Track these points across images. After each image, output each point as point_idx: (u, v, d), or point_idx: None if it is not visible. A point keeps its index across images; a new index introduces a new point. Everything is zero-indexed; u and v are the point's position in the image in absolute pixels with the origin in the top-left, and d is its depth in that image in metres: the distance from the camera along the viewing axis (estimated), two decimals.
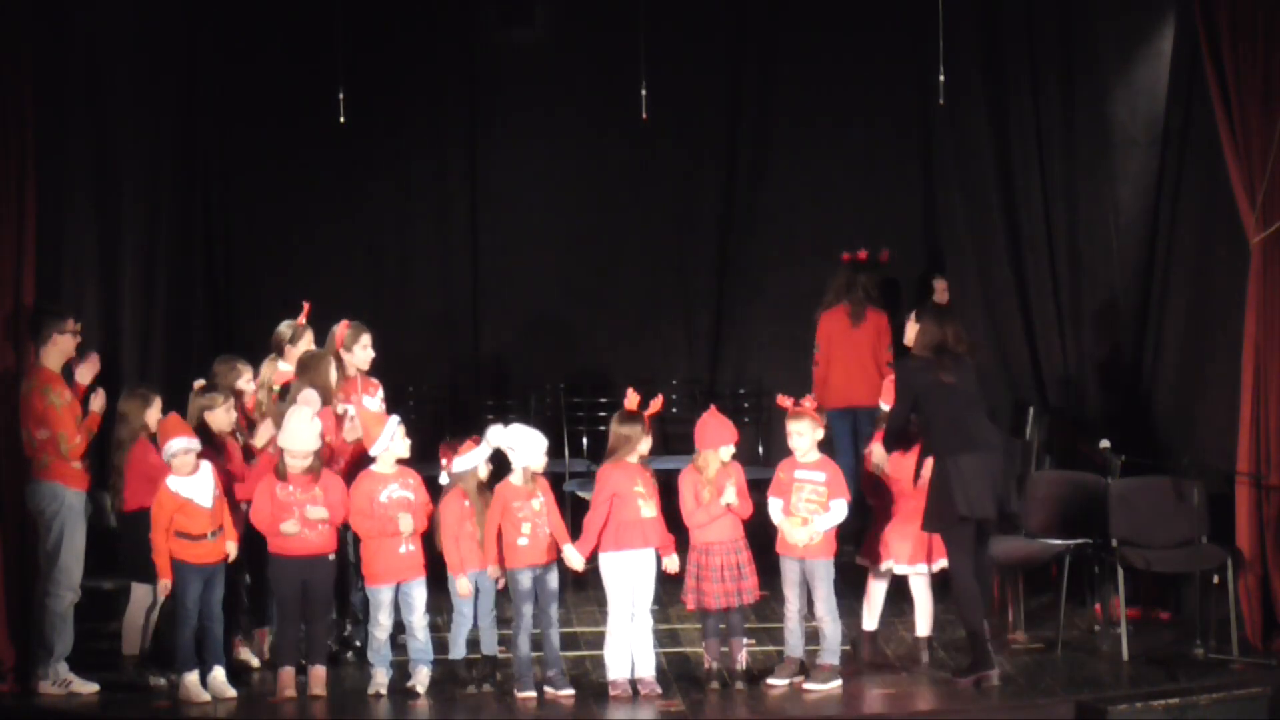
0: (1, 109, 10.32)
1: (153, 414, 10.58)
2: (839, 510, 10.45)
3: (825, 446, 10.80)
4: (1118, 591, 11.03)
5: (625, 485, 10.29)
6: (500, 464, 10.55)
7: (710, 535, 10.37)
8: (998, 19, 13.12)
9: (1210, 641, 10.71)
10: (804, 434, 10.55)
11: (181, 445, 10.21)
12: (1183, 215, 12.01)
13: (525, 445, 10.37)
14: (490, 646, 10.47)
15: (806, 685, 10.42)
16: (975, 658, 10.45)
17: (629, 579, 10.31)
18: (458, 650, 10.45)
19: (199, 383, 10.73)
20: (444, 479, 10.45)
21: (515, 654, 10.32)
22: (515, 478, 10.36)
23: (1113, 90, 12.48)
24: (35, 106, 10.52)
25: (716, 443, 10.41)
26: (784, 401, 10.61)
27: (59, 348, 10.50)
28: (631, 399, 10.37)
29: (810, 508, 10.49)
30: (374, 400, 11.19)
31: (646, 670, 10.38)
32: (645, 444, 10.39)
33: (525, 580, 10.29)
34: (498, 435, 10.41)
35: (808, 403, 10.57)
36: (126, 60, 12.34)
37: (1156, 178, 12.27)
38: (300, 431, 10.29)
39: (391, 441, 10.39)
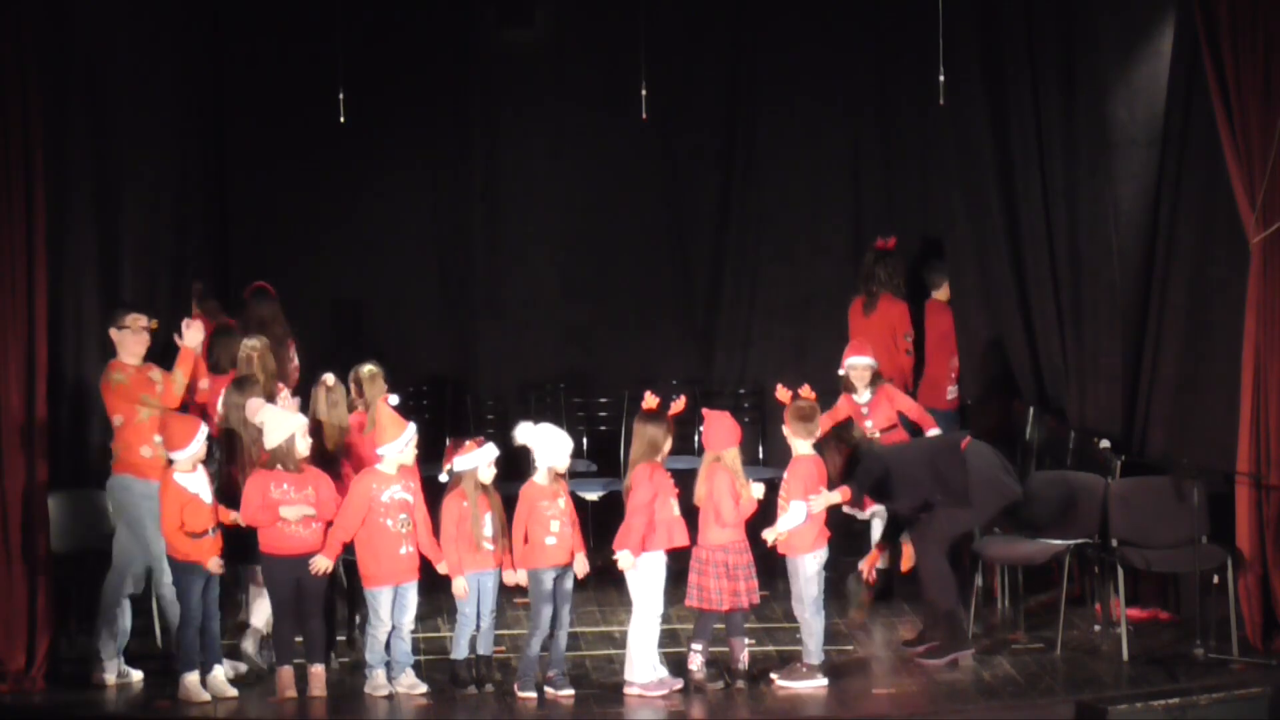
0: (6, 109, 10.32)
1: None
2: (793, 511, 10.51)
3: None
4: (1118, 591, 11.04)
5: (664, 485, 10.35)
6: (507, 467, 10.57)
7: (722, 536, 10.39)
8: (998, 19, 13.11)
9: (1210, 641, 10.71)
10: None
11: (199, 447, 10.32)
12: (1183, 215, 11.99)
13: (551, 445, 10.37)
14: (487, 647, 10.47)
15: (780, 681, 10.44)
16: (950, 637, 10.72)
17: (660, 578, 10.32)
18: (460, 650, 10.44)
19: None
20: (443, 477, 10.45)
21: (526, 654, 10.30)
22: (540, 477, 10.36)
23: (1113, 90, 12.45)
24: (40, 108, 10.52)
25: (734, 440, 10.47)
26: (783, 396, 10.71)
27: (125, 343, 10.57)
28: (650, 400, 10.39)
29: (781, 504, 10.58)
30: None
31: (662, 670, 10.40)
32: (668, 444, 10.44)
33: (548, 581, 10.31)
34: (525, 432, 10.40)
35: (803, 391, 10.68)
36: (127, 62, 12.33)
37: (1156, 178, 12.25)
38: (281, 421, 10.32)
39: (403, 449, 10.39)
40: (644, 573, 10.35)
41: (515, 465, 10.67)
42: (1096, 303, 12.66)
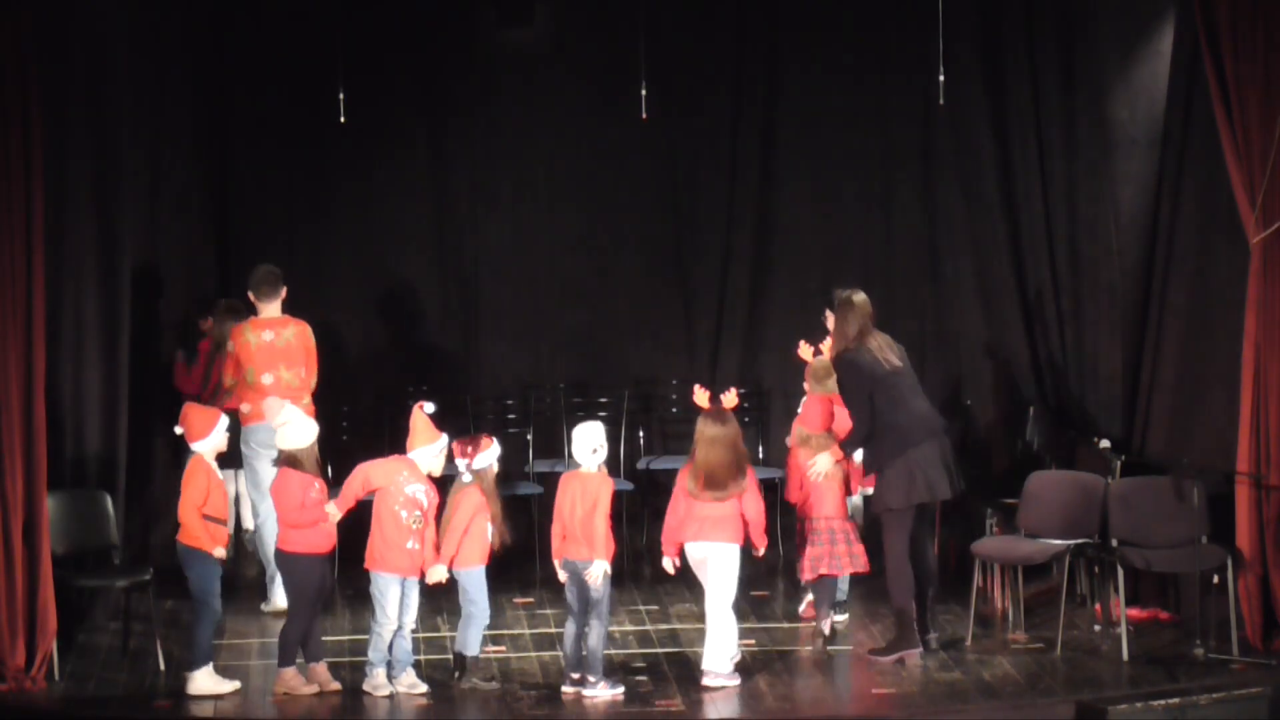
0: (6, 109, 10.33)
1: None
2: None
3: None
4: (1118, 591, 11.04)
5: None
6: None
7: (829, 507, 10.87)
8: (998, 20, 13.12)
9: (1210, 641, 10.70)
10: None
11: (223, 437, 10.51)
12: (1183, 215, 12.01)
13: (604, 440, 10.46)
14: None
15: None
16: (899, 635, 10.76)
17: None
18: (473, 647, 10.44)
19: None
20: (466, 477, 10.44)
21: (597, 650, 10.25)
22: (593, 468, 10.36)
23: (1113, 90, 12.48)
24: (40, 107, 10.52)
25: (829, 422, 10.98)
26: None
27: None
28: (702, 396, 10.42)
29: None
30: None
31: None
32: None
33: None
34: (587, 434, 10.39)
35: (824, 346, 11.19)
36: (128, 62, 12.33)
37: (1156, 178, 12.27)
38: (304, 425, 10.36)
39: (435, 458, 10.41)
40: (732, 564, 10.38)
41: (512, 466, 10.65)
42: (1096, 303, 12.67)
